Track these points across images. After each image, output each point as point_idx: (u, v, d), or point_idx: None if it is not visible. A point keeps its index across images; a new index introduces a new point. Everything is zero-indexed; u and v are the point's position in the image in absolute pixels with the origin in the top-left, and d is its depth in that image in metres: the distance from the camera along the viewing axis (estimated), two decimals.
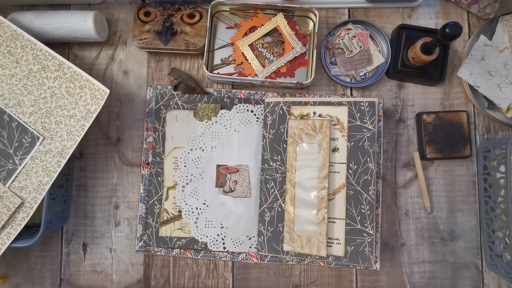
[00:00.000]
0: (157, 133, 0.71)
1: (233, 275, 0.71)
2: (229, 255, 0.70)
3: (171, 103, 0.72)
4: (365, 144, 0.66)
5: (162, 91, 0.74)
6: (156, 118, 0.72)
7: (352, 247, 0.65)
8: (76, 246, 0.73)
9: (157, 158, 0.71)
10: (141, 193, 0.72)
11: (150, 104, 0.73)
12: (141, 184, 0.72)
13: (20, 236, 0.63)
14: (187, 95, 0.72)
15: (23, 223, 0.62)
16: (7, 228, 0.62)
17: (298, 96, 0.73)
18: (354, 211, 0.65)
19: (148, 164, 0.72)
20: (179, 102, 0.72)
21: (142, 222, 0.71)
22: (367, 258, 0.64)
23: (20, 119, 0.64)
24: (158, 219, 0.70)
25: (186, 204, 0.69)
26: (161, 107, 0.72)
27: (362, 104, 0.67)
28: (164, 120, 0.72)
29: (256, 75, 0.70)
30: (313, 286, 0.71)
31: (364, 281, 0.71)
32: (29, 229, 0.67)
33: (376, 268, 0.69)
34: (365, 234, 0.65)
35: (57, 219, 0.68)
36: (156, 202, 0.71)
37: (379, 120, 0.71)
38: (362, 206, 0.65)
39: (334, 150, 0.67)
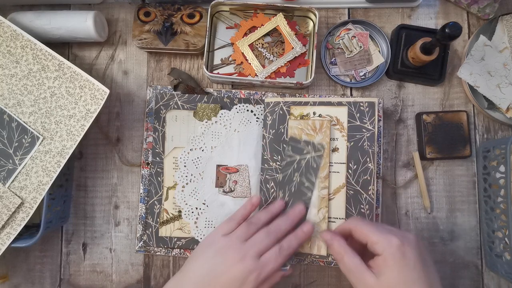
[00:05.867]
0: (157, 133, 0.71)
1: None
2: None
3: (171, 103, 0.72)
4: (364, 144, 0.66)
5: (162, 91, 0.74)
6: (156, 118, 0.72)
7: None
8: (76, 246, 0.73)
9: (157, 158, 0.71)
10: (141, 193, 0.72)
11: (150, 104, 0.73)
12: (141, 184, 0.72)
13: (20, 236, 0.63)
14: (187, 95, 0.72)
15: (23, 223, 0.62)
16: (7, 228, 0.62)
17: (298, 96, 0.73)
18: (353, 211, 0.65)
19: (148, 164, 0.72)
20: (179, 102, 0.72)
21: (142, 222, 0.71)
22: None
23: (20, 119, 0.64)
24: (158, 219, 0.70)
25: (186, 204, 0.69)
26: (161, 107, 0.72)
27: (361, 104, 0.67)
28: (164, 120, 0.72)
29: (256, 75, 0.70)
30: (313, 286, 0.71)
31: None
32: (29, 229, 0.67)
33: None
34: None
35: (57, 219, 0.68)
36: (156, 202, 0.70)
37: (379, 120, 0.71)
38: (362, 206, 0.65)
39: (334, 150, 0.67)
